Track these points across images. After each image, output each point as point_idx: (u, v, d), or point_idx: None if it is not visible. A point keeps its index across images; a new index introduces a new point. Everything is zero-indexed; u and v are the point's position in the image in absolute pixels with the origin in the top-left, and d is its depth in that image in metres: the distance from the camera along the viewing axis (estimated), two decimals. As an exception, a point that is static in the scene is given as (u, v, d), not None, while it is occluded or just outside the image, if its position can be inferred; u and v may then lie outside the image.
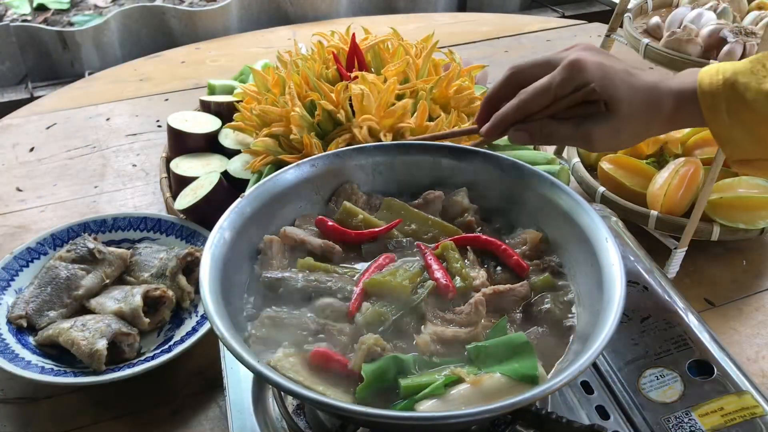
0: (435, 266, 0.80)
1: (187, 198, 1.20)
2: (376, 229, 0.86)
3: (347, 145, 1.12)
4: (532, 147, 1.38)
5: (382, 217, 0.89)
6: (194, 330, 1.03)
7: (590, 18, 2.52)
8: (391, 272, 0.78)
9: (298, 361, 0.70)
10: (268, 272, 0.80)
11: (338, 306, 0.76)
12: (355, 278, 0.80)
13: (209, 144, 1.35)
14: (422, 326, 0.74)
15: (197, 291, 1.05)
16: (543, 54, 0.88)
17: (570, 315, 0.77)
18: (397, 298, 0.76)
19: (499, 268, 0.83)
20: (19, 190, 1.46)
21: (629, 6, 1.30)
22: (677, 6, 1.37)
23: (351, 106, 1.17)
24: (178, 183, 1.27)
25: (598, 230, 0.78)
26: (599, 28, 2.18)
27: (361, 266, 0.83)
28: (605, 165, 1.30)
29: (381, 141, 1.13)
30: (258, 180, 1.10)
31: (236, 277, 0.79)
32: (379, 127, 1.14)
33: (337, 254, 0.84)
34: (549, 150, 1.41)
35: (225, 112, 1.40)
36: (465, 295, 0.78)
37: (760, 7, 1.32)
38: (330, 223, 0.87)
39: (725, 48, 1.14)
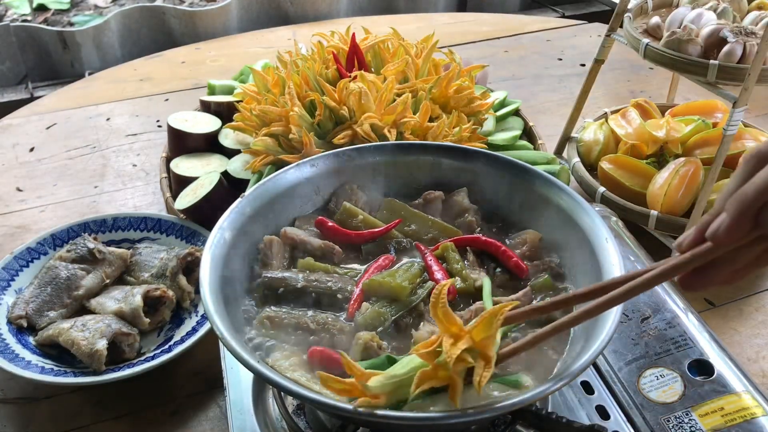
0: (435, 267, 0.80)
1: (187, 198, 1.20)
2: (376, 230, 0.86)
3: (349, 143, 1.12)
4: (532, 147, 1.38)
5: (382, 217, 0.89)
6: (194, 330, 1.03)
7: (590, 18, 2.52)
8: (390, 273, 0.78)
9: (297, 361, 0.70)
10: (269, 272, 0.80)
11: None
12: (355, 279, 0.80)
13: (209, 144, 1.35)
14: (421, 324, 0.74)
15: (197, 291, 1.05)
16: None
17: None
18: (397, 298, 0.76)
19: (498, 269, 0.83)
20: (19, 190, 1.46)
21: (629, 6, 1.30)
22: (677, 6, 1.37)
23: (352, 105, 1.17)
24: (178, 183, 1.27)
25: (598, 230, 0.78)
26: (599, 28, 2.18)
27: (361, 267, 0.83)
28: (605, 165, 1.30)
29: (385, 137, 1.13)
30: (258, 180, 1.10)
31: (236, 278, 0.79)
32: (381, 123, 1.14)
33: (337, 255, 0.84)
34: (549, 149, 1.41)
35: (225, 112, 1.40)
36: (466, 296, 0.78)
37: (760, 7, 1.32)
38: (330, 224, 0.87)
39: (725, 48, 1.14)
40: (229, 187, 1.20)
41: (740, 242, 0.56)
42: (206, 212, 1.17)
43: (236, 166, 1.26)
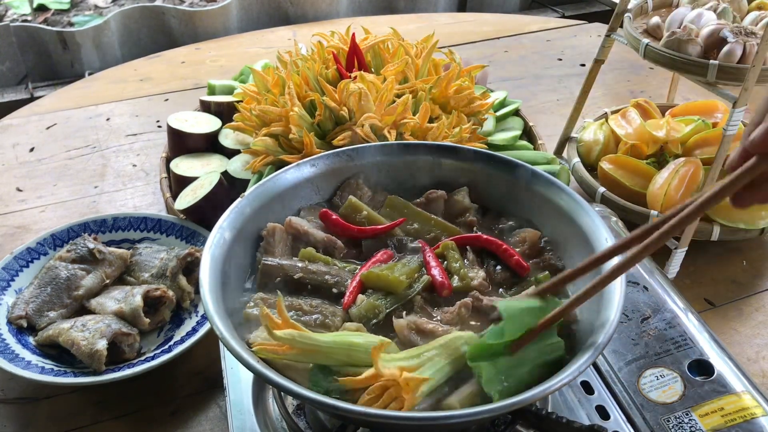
0: (433, 264, 0.80)
1: (187, 198, 1.20)
2: (380, 227, 0.86)
3: (348, 144, 1.12)
4: (532, 147, 1.38)
5: (385, 214, 0.89)
6: (194, 330, 1.03)
7: (590, 18, 2.52)
8: (389, 267, 0.78)
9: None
10: (268, 258, 0.80)
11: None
12: (353, 273, 0.80)
13: (209, 144, 1.35)
14: (404, 312, 0.75)
15: (197, 291, 1.05)
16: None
17: (570, 315, 0.77)
18: (393, 292, 0.76)
19: (498, 267, 0.83)
20: (19, 190, 1.46)
21: (629, 6, 1.30)
22: (677, 6, 1.37)
23: (352, 105, 1.17)
24: (178, 183, 1.27)
25: (598, 230, 0.78)
26: (599, 28, 2.18)
27: (361, 262, 0.83)
28: (605, 165, 1.30)
29: (385, 138, 1.13)
30: (258, 180, 1.10)
31: (236, 278, 0.79)
32: (381, 124, 1.14)
33: (339, 250, 0.84)
34: (549, 149, 1.41)
35: (225, 112, 1.40)
36: (461, 294, 0.78)
37: (760, 7, 1.32)
38: (334, 217, 0.87)
39: (725, 48, 1.14)
40: (229, 187, 1.20)
41: None
42: (206, 212, 1.17)
43: (236, 166, 1.26)
